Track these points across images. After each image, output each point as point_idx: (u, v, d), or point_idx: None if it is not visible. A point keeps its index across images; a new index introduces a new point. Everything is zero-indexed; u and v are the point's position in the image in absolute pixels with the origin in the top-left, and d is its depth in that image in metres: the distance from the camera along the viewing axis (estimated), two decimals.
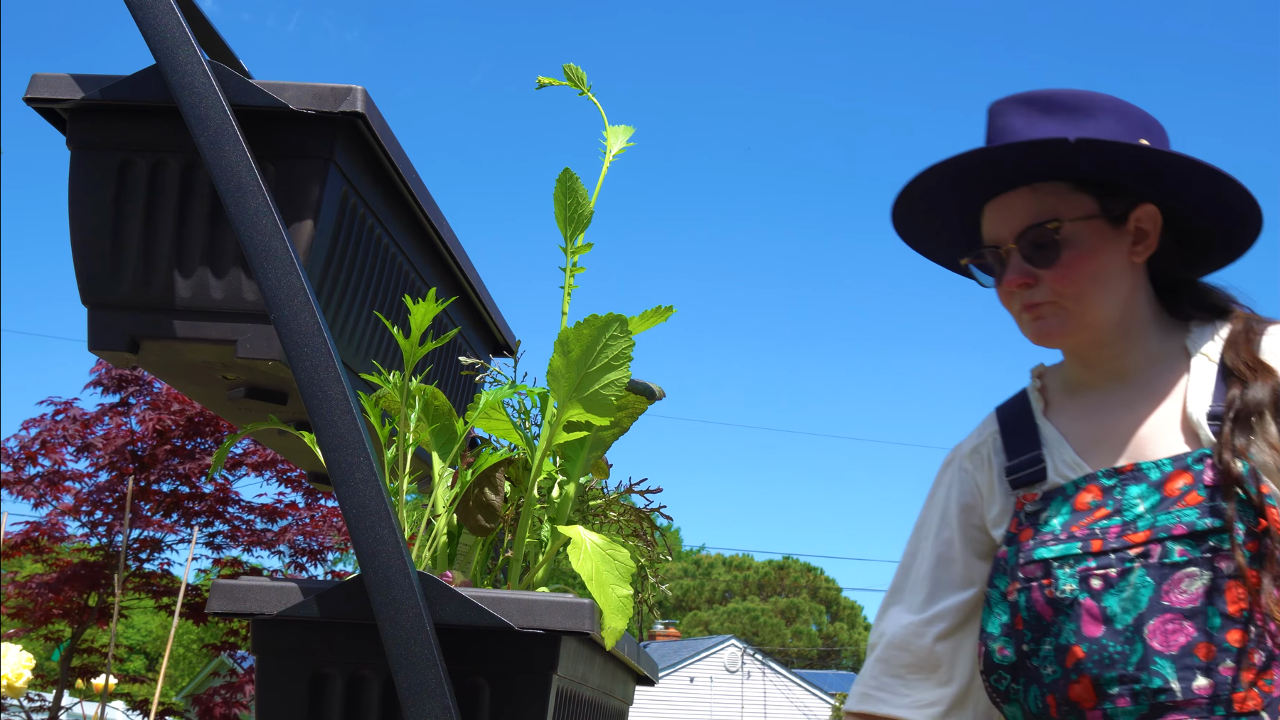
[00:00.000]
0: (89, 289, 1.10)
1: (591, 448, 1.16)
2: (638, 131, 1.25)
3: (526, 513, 1.12)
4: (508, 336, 1.72)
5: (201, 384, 1.22)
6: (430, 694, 0.94)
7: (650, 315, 1.13)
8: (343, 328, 1.18)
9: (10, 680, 3.76)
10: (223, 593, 0.99)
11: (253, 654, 1.06)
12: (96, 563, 7.80)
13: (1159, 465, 1.37)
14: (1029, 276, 1.43)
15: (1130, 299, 1.46)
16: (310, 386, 0.99)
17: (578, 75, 1.25)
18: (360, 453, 0.98)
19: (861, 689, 1.52)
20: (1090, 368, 1.51)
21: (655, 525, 1.25)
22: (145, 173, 1.10)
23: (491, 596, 0.97)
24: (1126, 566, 1.34)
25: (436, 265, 1.43)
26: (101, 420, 7.94)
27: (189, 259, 1.09)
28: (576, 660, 1.06)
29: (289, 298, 1.00)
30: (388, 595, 0.95)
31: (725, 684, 35.93)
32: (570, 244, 1.17)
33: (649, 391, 1.19)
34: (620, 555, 1.04)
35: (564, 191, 1.14)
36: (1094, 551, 1.36)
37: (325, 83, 1.08)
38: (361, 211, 1.17)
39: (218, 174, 1.02)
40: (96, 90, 1.08)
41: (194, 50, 1.05)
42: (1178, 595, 1.30)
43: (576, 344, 1.04)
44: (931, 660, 1.49)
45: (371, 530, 0.97)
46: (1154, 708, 1.28)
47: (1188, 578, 1.30)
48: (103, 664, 7.95)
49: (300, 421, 1.23)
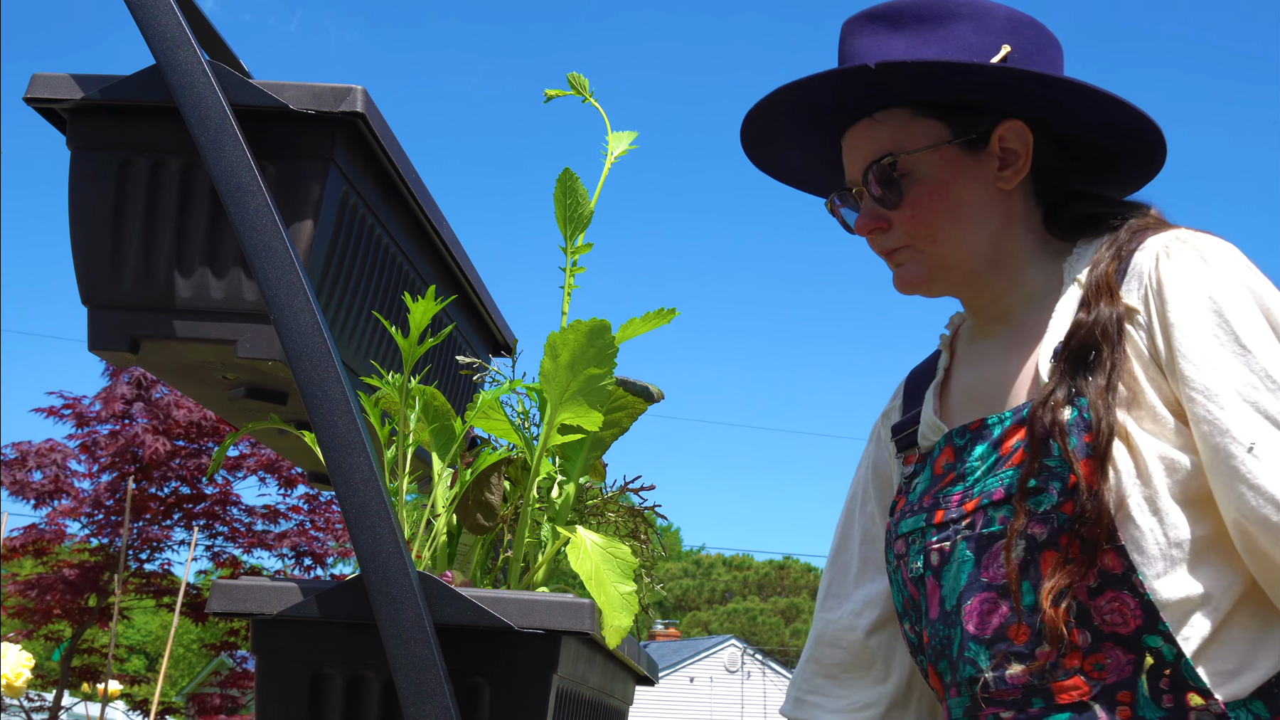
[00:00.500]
0: (89, 289, 1.10)
1: (591, 447, 1.16)
2: (637, 131, 1.25)
3: (526, 513, 1.12)
4: (507, 336, 1.72)
5: (201, 384, 1.22)
6: (430, 694, 0.94)
7: (652, 317, 1.13)
8: (343, 328, 1.18)
9: (9, 680, 3.76)
10: (223, 593, 0.99)
11: (253, 654, 1.06)
12: (97, 563, 7.81)
13: (1001, 420, 1.20)
14: (879, 220, 1.26)
15: (1002, 231, 1.26)
16: (310, 386, 0.99)
17: (581, 83, 1.25)
18: (360, 453, 0.98)
19: (795, 693, 1.40)
20: (974, 313, 1.33)
21: (651, 525, 1.25)
22: (145, 173, 1.10)
23: (491, 596, 0.97)
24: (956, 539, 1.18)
25: (436, 265, 1.43)
26: (105, 420, 7.93)
27: (189, 259, 1.09)
28: (576, 660, 1.06)
29: (289, 298, 1.00)
30: (388, 595, 0.95)
31: (725, 684, 35.93)
32: (570, 244, 1.17)
33: (647, 393, 1.19)
34: (621, 552, 1.04)
35: (564, 192, 1.15)
36: (935, 524, 1.21)
37: (325, 83, 1.08)
38: (361, 211, 1.17)
39: (218, 174, 1.02)
40: (96, 90, 1.08)
41: (194, 50, 1.05)
42: (995, 570, 1.14)
43: (564, 348, 1.04)
44: (865, 656, 1.36)
45: (371, 530, 0.97)
46: (973, 700, 1.15)
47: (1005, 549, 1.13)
48: (103, 664, 7.95)
49: (300, 421, 1.23)
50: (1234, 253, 1.17)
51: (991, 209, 1.25)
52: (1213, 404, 1.08)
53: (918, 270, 1.27)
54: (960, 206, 1.24)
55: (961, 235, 1.25)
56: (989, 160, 1.25)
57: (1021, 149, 1.25)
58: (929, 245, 1.25)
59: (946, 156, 1.24)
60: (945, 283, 1.29)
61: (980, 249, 1.26)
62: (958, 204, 1.24)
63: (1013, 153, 1.25)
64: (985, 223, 1.25)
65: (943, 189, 1.24)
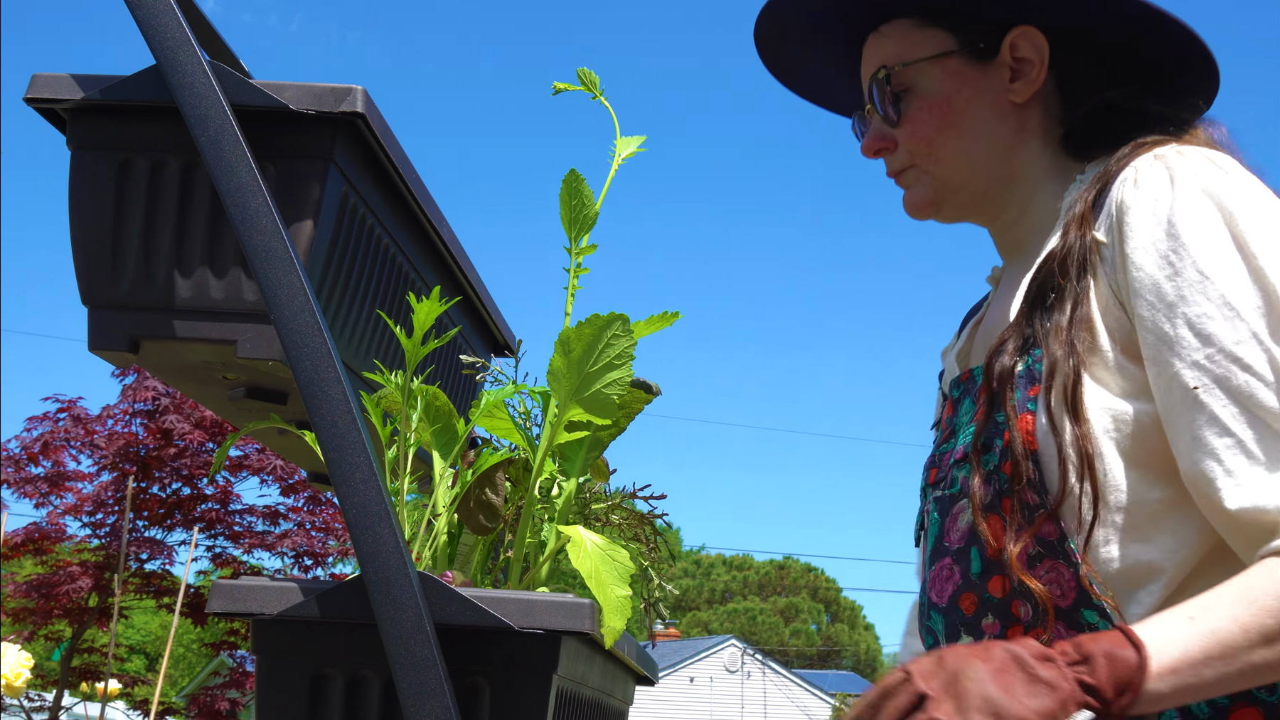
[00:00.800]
0: (89, 289, 1.10)
1: (590, 448, 1.16)
2: (642, 131, 1.25)
3: (527, 513, 1.12)
4: (508, 337, 1.72)
5: (201, 384, 1.22)
6: (430, 694, 0.93)
7: (656, 320, 1.12)
8: (343, 328, 1.18)
9: (9, 680, 3.76)
10: (223, 593, 0.99)
11: (253, 654, 1.06)
12: (97, 563, 7.80)
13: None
14: (884, 140, 1.18)
15: (1014, 148, 1.16)
16: (310, 386, 0.99)
17: (591, 79, 1.24)
18: (360, 453, 0.98)
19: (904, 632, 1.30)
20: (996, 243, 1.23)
21: (656, 529, 1.25)
22: (145, 173, 1.10)
23: (491, 596, 0.97)
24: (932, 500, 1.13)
25: (436, 265, 1.43)
26: (104, 421, 7.93)
27: (189, 259, 1.09)
28: (576, 660, 1.06)
29: (289, 298, 1.00)
30: (388, 595, 0.95)
31: (725, 684, 35.93)
32: (575, 245, 1.17)
33: (645, 388, 1.19)
34: (620, 556, 1.04)
35: (569, 193, 1.14)
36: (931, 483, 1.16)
37: (325, 83, 1.08)
38: (361, 211, 1.17)
39: (218, 174, 1.02)
40: (96, 90, 1.08)
41: (194, 50, 1.05)
42: (954, 534, 1.08)
43: (578, 343, 1.03)
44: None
45: (371, 530, 0.97)
46: None
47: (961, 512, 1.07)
48: (103, 664, 7.95)
49: (300, 421, 1.23)
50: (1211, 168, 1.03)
51: (1003, 124, 1.16)
52: (1164, 346, 0.98)
53: (922, 192, 1.19)
54: (964, 120, 1.15)
55: (966, 151, 1.15)
56: (999, 71, 1.15)
57: (1035, 57, 1.15)
58: (932, 164, 1.16)
59: (950, 68, 1.15)
60: (953, 205, 1.19)
61: (989, 167, 1.16)
62: (961, 118, 1.15)
63: (1027, 62, 1.15)
64: (995, 139, 1.15)
65: (945, 103, 1.15)
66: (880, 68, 1.16)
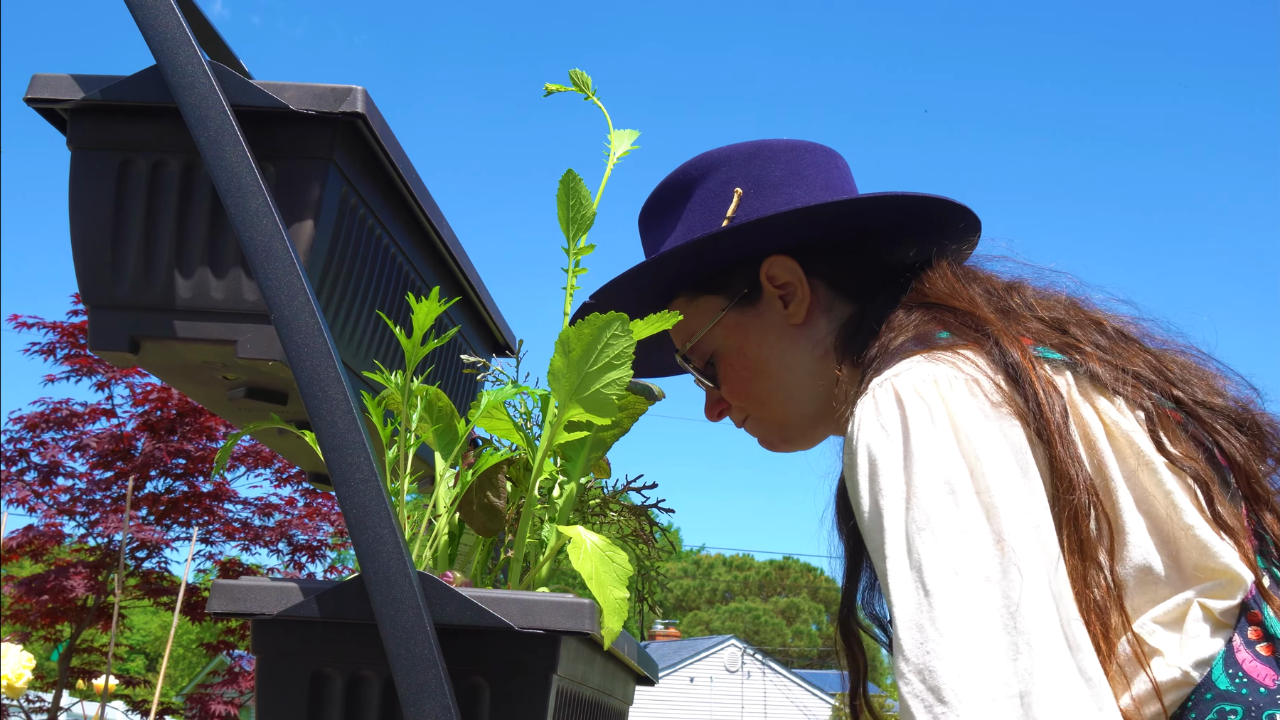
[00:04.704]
0: (89, 289, 1.10)
1: (592, 448, 1.16)
2: (642, 130, 1.25)
3: (527, 513, 1.12)
4: (508, 337, 1.72)
5: (201, 384, 1.22)
6: (430, 694, 0.93)
7: (655, 320, 1.12)
8: (343, 328, 1.18)
9: (10, 681, 3.76)
10: (223, 593, 0.99)
11: (253, 654, 1.06)
12: (92, 563, 7.79)
13: None
14: (719, 403, 1.28)
15: (818, 364, 1.19)
16: (310, 386, 0.99)
17: (583, 80, 1.25)
18: (360, 453, 0.98)
19: None
20: None
21: (654, 522, 1.25)
22: (145, 173, 1.10)
23: (491, 596, 0.97)
24: None
25: (436, 265, 1.43)
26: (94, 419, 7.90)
27: (189, 259, 1.09)
28: (576, 660, 1.06)
29: (289, 298, 1.00)
30: (388, 595, 0.95)
31: (725, 684, 35.92)
32: (572, 245, 1.17)
33: (648, 392, 1.20)
34: (618, 557, 1.04)
35: (567, 193, 1.14)
36: None
37: (326, 83, 1.08)
38: (361, 212, 1.17)
39: (218, 174, 1.02)
40: (96, 90, 1.08)
41: (194, 50, 1.05)
42: None
43: (577, 343, 1.03)
44: None
45: (371, 530, 0.97)
46: None
47: None
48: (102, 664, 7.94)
49: (300, 421, 1.23)
50: (898, 402, 0.99)
51: (798, 348, 1.20)
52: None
53: (766, 435, 1.27)
54: (765, 364, 1.20)
55: (780, 388, 1.21)
56: (772, 304, 1.20)
57: (792, 278, 1.19)
58: (761, 410, 1.24)
59: (731, 324, 1.22)
60: (801, 434, 1.25)
61: (808, 391, 1.19)
62: (762, 363, 1.20)
63: (788, 285, 1.20)
64: (798, 365, 1.19)
65: (741, 356, 1.21)
66: (678, 350, 1.26)
